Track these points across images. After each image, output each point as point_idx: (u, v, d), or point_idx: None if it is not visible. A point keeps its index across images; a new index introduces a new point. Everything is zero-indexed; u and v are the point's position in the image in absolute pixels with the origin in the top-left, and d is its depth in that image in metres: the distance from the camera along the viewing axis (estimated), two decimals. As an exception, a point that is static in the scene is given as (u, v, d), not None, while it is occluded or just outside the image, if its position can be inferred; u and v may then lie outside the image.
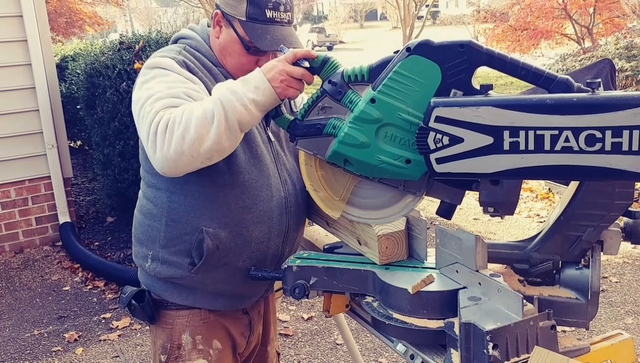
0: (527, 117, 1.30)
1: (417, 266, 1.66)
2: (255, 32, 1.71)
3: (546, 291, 1.53)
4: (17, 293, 4.54)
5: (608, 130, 1.26)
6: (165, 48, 1.80)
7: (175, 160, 1.52)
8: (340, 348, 3.63)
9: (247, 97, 1.53)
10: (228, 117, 1.51)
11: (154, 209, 1.78)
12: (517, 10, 14.77)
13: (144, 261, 1.83)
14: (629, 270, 4.54)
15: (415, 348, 1.51)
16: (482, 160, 1.35)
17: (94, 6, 20.42)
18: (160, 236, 1.77)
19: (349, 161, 1.55)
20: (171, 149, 1.50)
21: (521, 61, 1.40)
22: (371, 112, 1.48)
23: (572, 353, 1.43)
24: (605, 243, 1.52)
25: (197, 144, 1.50)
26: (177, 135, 1.50)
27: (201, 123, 1.50)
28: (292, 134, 1.62)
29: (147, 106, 1.57)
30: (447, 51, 1.41)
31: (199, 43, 1.81)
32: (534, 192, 6.41)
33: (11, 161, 5.16)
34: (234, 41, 1.75)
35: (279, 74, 1.54)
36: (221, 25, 1.78)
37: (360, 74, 1.52)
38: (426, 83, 1.43)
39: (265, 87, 1.54)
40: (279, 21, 1.73)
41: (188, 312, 1.83)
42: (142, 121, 1.58)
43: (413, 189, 1.58)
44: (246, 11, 1.70)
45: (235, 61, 1.78)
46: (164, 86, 1.62)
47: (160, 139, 1.52)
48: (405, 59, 1.43)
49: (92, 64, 5.04)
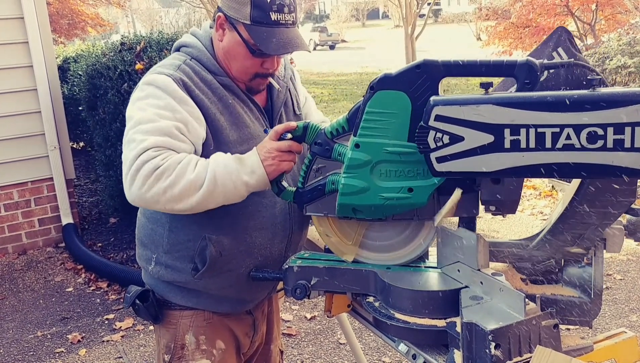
0: (528, 115, 1.29)
1: (418, 265, 1.66)
2: (260, 36, 1.68)
3: (549, 290, 1.52)
4: (20, 294, 4.54)
5: (610, 127, 1.25)
6: (166, 61, 1.78)
7: (146, 203, 1.57)
8: (343, 347, 3.62)
9: (240, 179, 1.59)
10: (216, 191, 1.56)
11: (157, 214, 1.79)
12: (519, 7, 14.73)
13: (148, 263, 1.83)
14: (633, 267, 4.52)
15: (417, 348, 1.50)
16: (482, 159, 1.34)
17: (96, 7, 20.45)
18: (163, 242, 1.78)
19: (357, 210, 1.58)
20: (148, 194, 1.54)
21: (477, 59, 1.42)
22: (359, 156, 1.52)
23: (575, 352, 1.42)
24: (608, 240, 1.51)
25: (175, 202, 1.55)
26: (160, 186, 1.54)
27: (188, 187, 1.54)
28: (299, 202, 1.66)
29: (138, 134, 1.58)
30: (407, 76, 1.45)
31: (200, 52, 1.78)
32: (537, 190, 6.40)
33: (13, 162, 5.17)
34: (238, 44, 1.73)
35: (269, 153, 1.61)
36: (224, 29, 1.75)
37: (340, 127, 1.58)
38: (398, 113, 1.47)
39: (260, 172, 1.61)
40: (283, 23, 1.71)
41: (192, 313, 1.83)
42: (128, 146, 1.59)
43: (427, 216, 1.58)
44: (250, 14, 1.68)
45: (240, 64, 1.76)
46: (154, 113, 1.62)
47: (141, 179, 1.54)
48: (372, 98, 1.48)
49: (93, 65, 5.05)
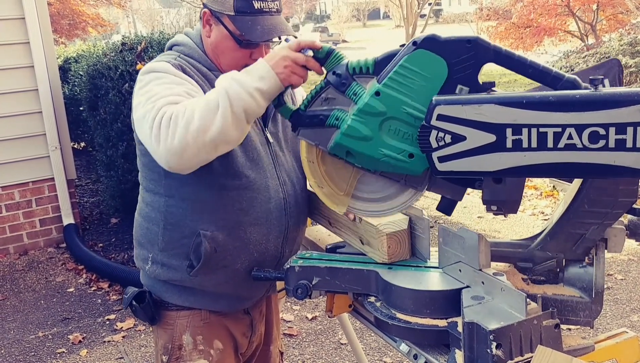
0: (530, 115, 1.29)
1: (420, 265, 1.66)
2: (245, 25, 1.70)
3: (550, 290, 1.52)
4: (21, 295, 4.54)
5: (612, 127, 1.25)
6: (159, 57, 1.80)
7: (180, 152, 1.50)
8: (344, 347, 3.62)
9: (252, 86, 1.54)
10: (234, 105, 1.51)
11: (152, 212, 1.79)
12: (520, 7, 14.74)
13: (145, 263, 1.83)
14: (635, 267, 4.51)
15: (418, 348, 1.50)
16: (484, 158, 1.34)
17: (97, 8, 20.46)
18: (158, 240, 1.78)
19: (351, 154, 1.53)
20: (175, 141, 1.49)
21: (528, 59, 1.38)
22: (375, 105, 1.46)
23: (577, 352, 1.42)
24: (610, 240, 1.51)
25: (202, 133, 1.49)
26: (181, 126, 1.49)
27: (205, 112, 1.50)
28: (295, 124, 1.61)
29: (149, 105, 1.57)
30: (454, 46, 1.40)
31: (192, 49, 1.80)
32: (539, 190, 6.39)
33: (15, 163, 5.17)
34: (225, 38, 1.74)
35: (283, 60, 1.56)
36: (211, 24, 1.77)
37: (365, 67, 1.50)
38: (432, 78, 1.42)
39: (269, 75, 1.55)
40: (267, 11, 1.71)
41: (189, 313, 1.83)
42: (144, 120, 1.56)
43: (415, 184, 1.56)
44: (234, 5, 1.69)
45: (229, 57, 1.76)
46: (162, 87, 1.61)
47: (164, 132, 1.50)
48: (411, 53, 1.42)
49: (94, 65, 5.05)
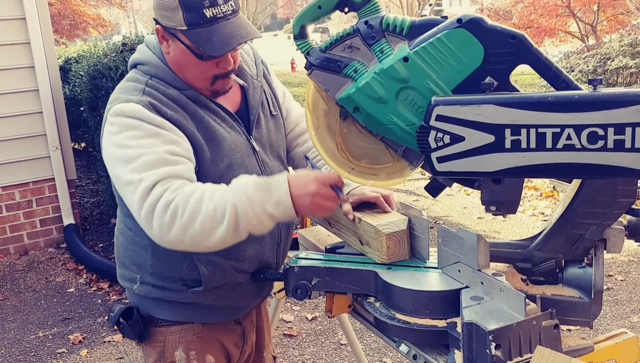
0: (529, 115, 1.28)
1: (419, 265, 1.66)
2: (201, 38, 1.56)
3: (549, 290, 1.52)
4: (21, 295, 4.54)
5: (610, 127, 1.25)
6: (128, 84, 1.66)
7: (172, 244, 1.49)
8: (344, 348, 3.62)
9: (265, 210, 1.47)
10: (239, 225, 1.47)
11: (136, 236, 1.70)
12: (521, 8, 14.76)
13: (132, 283, 1.76)
14: (635, 268, 4.51)
15: (417, 349, 1.50)
16: (483, 159, 1.34)
17: (98, 8, 20.48)
18: (147, 264, 1.71)
19: (359, 111, 1.48)
20: (170, 235, 1.46)
21: (564, 73, 1.36)
22: (400, 70, 1.41)
23: (576, 352, 1.42)
24: (609, 241, 1.51)
25: (200, 240, 1.47)
26: (179, 224, 1.44)
27: (208, 221, 1.44)
28: (310, 62, 1.53)
29: (132, 175, 1.49)
30: (498, 37, 1.35)
31: (158, 68, 1.67)
32: (539, 190, 6.39)
33: (15, 163, 5.17)
34: (184, 53, 1.61)
35: (311, 197, 1.50)
36: (167, 39, 1.63)
37: (400, 26, 1.44)
38: (465, 61, 1.38)
39: (287, 206, 1.49)
40: (222, 17, 1.57)
41: (180, 328, 1.77)
42: (127, 189, 1.51)
43: (411, 159, 1.54)
44: (184, 19, 1.54)
45: (193, 72, 1.65)
46: (141, 150, 1.51)
47: (158, 221, 1.45)
48: (452, 30, 1.37)
49: (95, 65, 5.06)
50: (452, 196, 6.36)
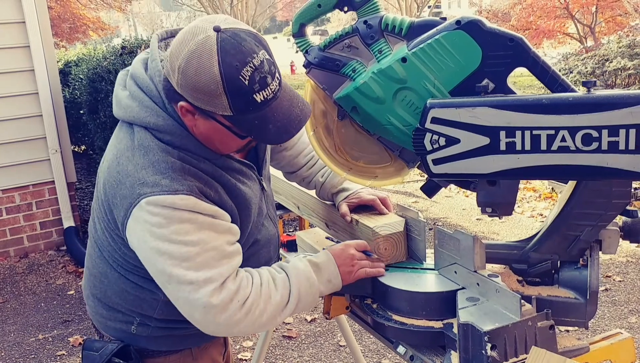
0: (523, 117, 1.30)
1: (416, 267, 1.67)
2: (251, 126, 1.37)
3: (545, 291, 1.53)
4: (21, 297, 4.55)
5: (604, 129, 1.26)
6: (152, 160, 1.41)
7: (232, 334, 1.51)
8: (343, 349, 3.63)
9: (319, 290, 1.55)
10: (299, 307, 1.52)
11: (145, 293, 1.55)
12: (519, 10, 14.78)
13: (127, 325, 1.60)
14: (633, 269, 4.52)
15: (414, 350, 1.51)
16: (478, 161, 1.35)
17: (98, 11, 20.50)
18: (155, 311, 1.57)
19: (356, 110, 1.49)
20: (238, 327, 1.43)
21: (561, 77, 1.37)
22: (398, 70, 1.42)
23: (571, 353, 1.43)
24: (604, 242, 1.52)
25: (260, 327, 1.48)
26: (250, 319, 1.43)
27: (276, 312, 1.48)
28: (308, 60, 1.54)
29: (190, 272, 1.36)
30: (496, 39, 1.37)
31: (183, 137, 1.43)
32: (537, 191, 6.40)
33: (15, 166, 5.18)
34: (222, 133, 1.41)
35: (350, 259, 1.59)
36: (194, 115, 1.39)
37: (398, 26, 1.45)
38: (463, 62, 1.39)
39: (336, 281, 1.57)
40: (272, 98, 1.35)
41: (179, 355, 1.66)
42: (185, 287, 1.37)
43: (407, 159, 1.55)
44: (230, 106, 1.32)
45: (225, 146, 1.47)
46: (198, 242, 1.38)
47: (231, 317, 1.40)
48: (451, 31, 1.38)
49: (94, 69, 5.08)
50: (451, 198, 6.37)
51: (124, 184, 1.41)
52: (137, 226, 1.39)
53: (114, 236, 1.51)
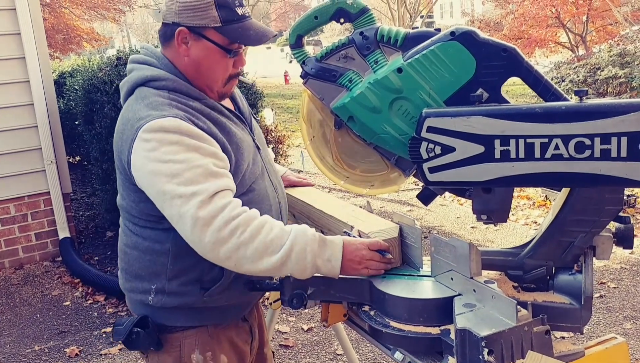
0: (518, 126, 1.32)
1: (412, 274, 1.68)
2: (236, 33, 1.66)
3: (540, 297, 1.55)
4: (17, 309, 4.54)
5: (597, 137, 1.29)
6: (149, 102, 1.64)
7: (218, 258, 1.53)
8: (340, 358, 3.63)
9: (314, 262, 1.56)
10: (288, 263, 1.54)
11: (156, 245, 1.73)
12: (511, 19, 14.89)
13: (146, 295, 1.77)
14: (627, 276, 4.55)
15: (412, 356, 1.53)
16: (473, 169, 1.38)
17: (91, 22, 20.52)
18: (167, 270, 1.73)
19: (353, 120, 1.52)
20: (222, 249, 1.50)
21: (554, 86, 1.41)
22: (394, 81, 1.45)
23: (567, 357, 1.45)
24: (598, 248, 1.54)
25: (245, 262, 1.52)
26: (234, 242, 1.49)
27: (262, 249, 1.51)
28: (305, 71, 1.58)
29: (180, 188, 1.51)
30: (490, 50, 1.40)
31: (175, 81, 1.69)
32: (531, 199, 6.43)
33: (10, 177, 5.18)
34: (210, 51, 1.67)
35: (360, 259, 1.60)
36: (187, 42, 1.68)
37: (393, 37, 1.49)
38: (458, 73, 1.42)
39: (335, 264, 1.58)
40: (248, 16, 1.69)
41: (195, 331, 1.79)
42: (174, 202, 1.51)
43: (403, 167, 1.57)
44: (218, 16, 1.64)
45: (214, 71, 1.70)
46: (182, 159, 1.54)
47: (215, 232, 1.49)
48: (445, 42, 1.42)
49: (90, 80, 5.08)
50: (446, 206, 6.39)
51: (126, 129, 1.64)
52: (137, 157, 1.58)
53: (129, 191, 1.70)
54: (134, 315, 1.83)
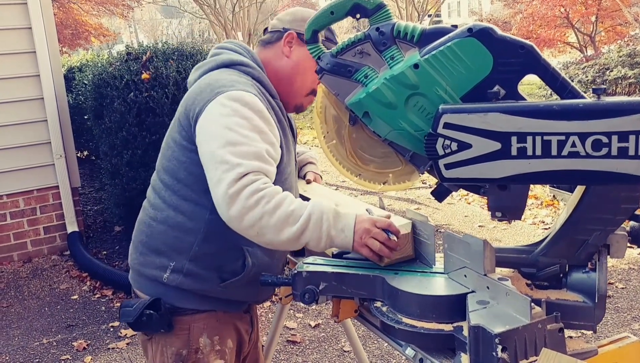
0: (535, 123, 1.32)
1: (425, 271, 1.68)
2: None
3: (554, 295, 1.54)
4: (25, 302, 4.56)
5: (614, 135, 1.28)
6: (235, 78, 1.76)
7: (241, 226, 1.56)
8: (347, 355, 3.63)
9: (329, 233, 1.60)
10: (305, 232, 1.58)
11: (188, 222, 1.77)
12: (520, 19, 14.84)
13: (161, 271, 1.79)
14: (635, 276, 4.54)
15: (424, 352, 1.52)
16: (490, 165, 1.37)
17: (100, 18, 20.58)
18: (192, 250, 1.76)
19: (368, 116, 1.52)
20: (246, 218, 1.55)
21: (571, 84, 1.40)
22: (410, 77, 1.45)
23: (580, 355, 1.44)
24: (612, 246, 1.54)
25: (268, 232, 1.56)
26: (259, 211, 1.54)
27: (283, 219, 1.55)
28: (321, 66, 1.58)
29: (231, 156, 1.58)
30: (507, 47, 1.39)
31: (260, 75, 1.83)
32: (539, 199, 6.42)
33: (20, 171, 5.21)
34: (309, 58, 1.68)
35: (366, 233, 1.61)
36: (292, 45, 1.86)
37: (410, 33, 1.48)
38: (474, 69, 1.41)
39: (348, 235, 1.61)
40: None
41: (204, 315, 1.83)
42: (220, 167, 1.59)
43: (418, 163, 1.57)
44: (324, 34, 1.74)
45: (305, 78, 1.87)
46: (245, 135, 1.62)
47: (241, 202, 1.54)
48: (463, 39, 1.41)
49: (99, 74, 5.09)
50: (453, 205, 6.39)
51: (205, 91, 1.72)
52: (208, 115, 1.66)
53: (184, 151, 1.74)
54: (140, 295, 1.85)
